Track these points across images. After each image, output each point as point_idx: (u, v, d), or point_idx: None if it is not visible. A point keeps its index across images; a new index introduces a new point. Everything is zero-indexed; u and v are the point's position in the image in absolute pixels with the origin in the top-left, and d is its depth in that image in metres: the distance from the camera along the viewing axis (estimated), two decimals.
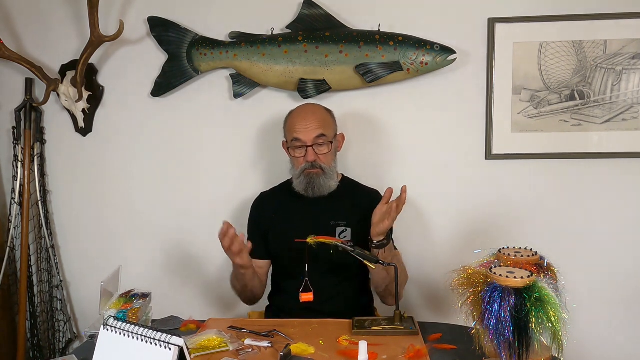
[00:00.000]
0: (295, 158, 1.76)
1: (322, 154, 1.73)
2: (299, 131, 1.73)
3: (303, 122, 1.74)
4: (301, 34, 2.01)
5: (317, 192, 1.74)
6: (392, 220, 1.55)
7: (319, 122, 1.74)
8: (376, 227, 1.57)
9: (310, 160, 1.72)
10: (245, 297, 1.80)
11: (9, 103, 2.23)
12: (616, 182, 2.04)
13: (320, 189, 1.74)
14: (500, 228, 2.07)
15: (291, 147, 1.76)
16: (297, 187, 1.77)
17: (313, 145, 1.72)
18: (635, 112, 2.00)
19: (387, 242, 1.59)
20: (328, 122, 1.78)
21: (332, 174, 1.77)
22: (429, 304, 2.14)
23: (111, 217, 2.24)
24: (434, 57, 1.96)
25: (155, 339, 1.01)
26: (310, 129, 1.72)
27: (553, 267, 1.27)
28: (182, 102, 2.16)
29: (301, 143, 1.72)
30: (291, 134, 1.76)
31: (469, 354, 1.24)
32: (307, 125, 1.73)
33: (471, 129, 2.07)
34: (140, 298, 1.47)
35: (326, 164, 1.74)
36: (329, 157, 1.75)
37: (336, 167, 1.81)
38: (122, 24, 1.94)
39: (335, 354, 1.33)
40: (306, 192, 1.75)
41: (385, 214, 1.55)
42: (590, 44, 1.99)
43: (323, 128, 1.74)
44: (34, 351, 2.24)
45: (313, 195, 1.75)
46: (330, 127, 1.79)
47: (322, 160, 1.73)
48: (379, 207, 1.57)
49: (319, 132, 1.72)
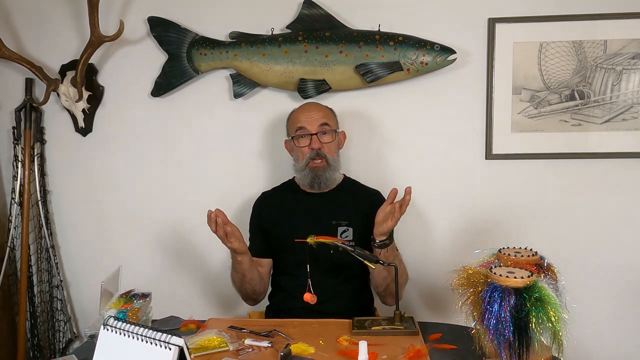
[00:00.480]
0: (299, 148, 1.78)
1: (326, 143, 1.76)
2: (303, 121, 1.77)
3: (307, 112, 1.79)
4: (301, 34, 2.01)
5: (322, 187, 1.77)
6: (395, 221, 1.56)
7: (322, 113, 1.80)
8: (379, 227, 1.58)
9: (315, 147, 1.74)
10: (245, 292, 1.79)
11: (9, 103, 2.23)
12: (616, 182, 2.04)
13: (326, 183, 1.77)
14: (500, 228, 2.07)
15: (295, 138, 1.78)
16: (302, 180, 1.78)
17: (317, 133, 1.75)
18: (635, 112, 2.00)
19: (389, 242, 1.60)
20: (330, 115, 1.84)
21: (336, 166, 1.80)
22: (429, 304, 2.14)
23: (111, 217, 2.24)
24: (434, 57, 1.96)
25: (155, 339, 1.01)
26: (315, 118, 1.77)
27: (553, 267, 1.27)
28: (182, 102, 2.16)
29: (306, 131, 1.75)
30: (295, 124, 1.79)
31: (469, 354, 1.24)
32: (311, 115, 1.78)
33: (471, 129, 2.07)
34: (140, 298, 1.47)
35: (330, 154, 1.76)
36: (332, 148, 1.78)
37: (339, 161, 1.83)
38: (122, 24, 1.94)
39: (335, 354, 1.33)
40: (311, 186, 1.77)
41: (389, 214, 1.56)
42: (590, 44, 1.99)
43: (326, 118, 1.79)
44: (34, 351, 2.24)
45: (319, 190, 1.77)
46: (333, 119, 1.84)
47: (326, 150, 1.76)
48: (383, 207, 1.58)
49: (323, 121, 1.77)
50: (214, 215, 1.55)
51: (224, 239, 1.59)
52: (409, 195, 1.53)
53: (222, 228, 1.56)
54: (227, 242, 1.60)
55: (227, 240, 1.59)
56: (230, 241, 1.59)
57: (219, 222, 1.55)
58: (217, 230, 1.56)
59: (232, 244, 1.60)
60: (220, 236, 1.58)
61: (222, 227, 1.56)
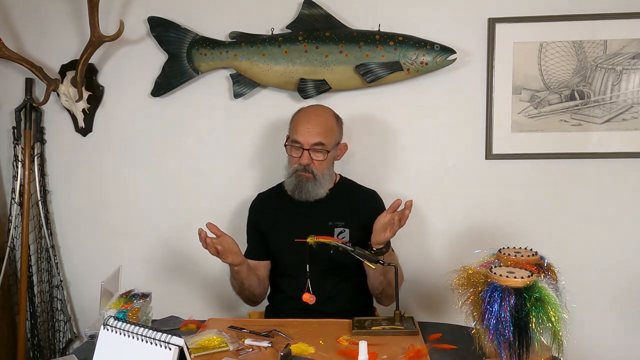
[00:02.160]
0: (291, 157, 1.77)
1: (317, 160, 1.72)
2: (299, 133, 1.72)
3: (306, 124, 1.73)
4: (301, 34, 2.01)
5: (303, 197, 1.73)
6: (393, 233, 1.55)
7: (321, 128, 1.72)
8: (377, 236, 1.57)
9: (304, 163, 1.71)
10: (245, 296, 1.80)
11: (9, 103, 2.23)
12: (616, 182, 2.04)
13: (307, 195, 1.73)
14: (500, 228, 2.07)
15: (289, 145, 1.77)
16: (287, 185, 1.77)
17: (310, 149, 1.71)
18: (635, 112, 2.00)
19: (385, 250, 1.59)
20: (331, 130, 1.75)
21: (323, 182, 1.74)
22: (429, 304, 2.13)
23: (111, 217, 2.24)
24: (434, 57, 1.96)
25: (155, 339, 1.01)
26: (311, 133, 1.71)
27: (553, 267, 1.27)
28: (182, 102, 2.16)
29: (299, 145, 1.72)
30: (292, 133, 1.76)
31: (469, 354, 1.24)
32: (309, 129, 1.71)
33: (471, 129, 2.07)
34: (140, 298, 1.47)
35: (319, 171, 1.72)
36: (323, 165, 1.73)
37: (330, 174, 1.79)
38: (122, 24, 1.94)
39: (335, 354, 1.33)
40: (293, 194, 1.74)
41: (387, 224, 1.55)
42: (590, 44, 1.99)
43: (323, 136, 1.71)
44: (34, 351, 2.24)
45: (299, 199, 1.74)
46: (333, 135, 1.76)
47: (316, 166, 1.72)
48: (383, 216, 1.56)
49: (318, 140, 1.70)
50: (204, 235, 1.54)
51: (218, 256, 1.58)
52: (409, 210, 1.51)
53: (212, 247, 1.55)
54: (222, 259, 1.60)
55: (221, 257, 1.59)
56: (224, 257, 1.59)
57: (208, 242, 1.54)
58: (208, 248, 1.55)
59: (226, 259, 1.60)
60: (212, 253, 1.57)
61: (213, 246, 1.55)
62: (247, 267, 1.70)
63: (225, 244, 1.59)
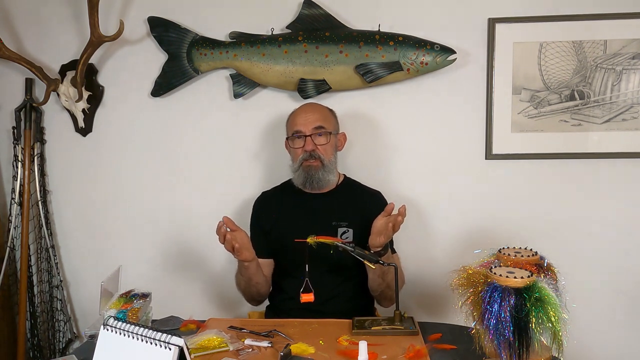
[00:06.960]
0: (294, 150, 1.78)
1: (320, 145, 1.75)
2: (298, 123, 1.77)
3: (303, 114, 1.78)
4: (301, 34, 2.01)
5: (315, 187, 1.75)
6: (388, 237, 1.55)
7: (319, 115, 1.79)
8: (373, 240, 1.57)
9: (309, 149, 1.73)
10: (250, 294, 1.80)
11: (9, 103, 2.23)
12: (616, 182, 2.04)
13: (319, 183, 1.75)
14: (500, 228, 2.07)
15: (291, 139, 1.79)
16: (296, 180, 1.78)
17: (312, 135, 1.74)
18: (635, 112, 2.00)
19: (384, 252, 1.59)
20: (328, 117, 1.82)
21: (332, 167, 1.77)
22: (429, 304, 2.13)
23: (111, 217, 2.24)
24: (434, 57, 1.96)
25: (155, 339, 1.01)
26: (310, 121, 1.76)
27: (553, 267, 1.27)
28: (182, 102, 2.16)
29: (300, 133, 1.75)
30: (291, 126, 1.79)
31: (469, 354, 1.24)
32: (307, 117, 1.77)
33: (471, 129, 2.07)
34: (140, 298, 1.47)
35: (325, 156, 1.75)
36: (327, 149, 1.76)
37: (336, 163, 1.82)
38: (122, 24, 1.94)
39: (335, 354, 1.33)
40: (304, 185, 1.76)
41: (383, 228, 1.55)
42: (590, 44, 1.99)
43: (322, 120, 1.77)
44: (34, 351, 2.24)
45: (311, 190, 1.76)
46: (330, 122, 1.82)
47: (321, 151, 1.74)
48: (378, 220, 1.56)
49: (318, 124, 1.76)
50: (224, 230, 1.54)
51: (233, 253, 1.58)
52: (402, 217, 1.51)
53: (229, 244, 1.55)
54: (237, 255, 1.60)
55: (236, 254, 1.59)
56: (239, 253, 1.59)
57: (228, 238, 1.54)
58: (225, 245, 1.55)
59: (240, 256, 1.60)
60: (227, 249, 1.57)
61: (230, 243, 1.55)
62: (257, 264, 1.70)
63: (240, 240, 1.58)
